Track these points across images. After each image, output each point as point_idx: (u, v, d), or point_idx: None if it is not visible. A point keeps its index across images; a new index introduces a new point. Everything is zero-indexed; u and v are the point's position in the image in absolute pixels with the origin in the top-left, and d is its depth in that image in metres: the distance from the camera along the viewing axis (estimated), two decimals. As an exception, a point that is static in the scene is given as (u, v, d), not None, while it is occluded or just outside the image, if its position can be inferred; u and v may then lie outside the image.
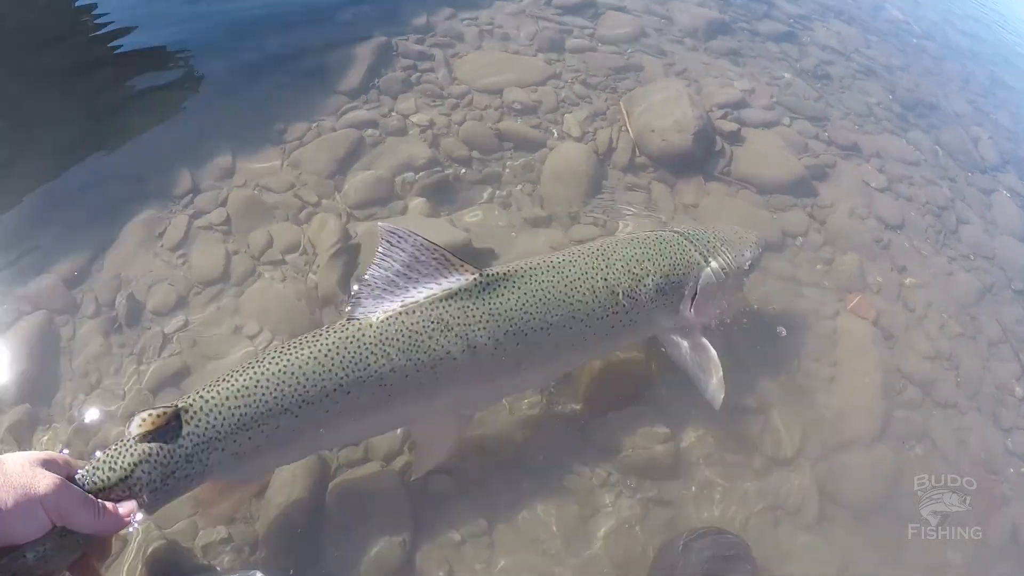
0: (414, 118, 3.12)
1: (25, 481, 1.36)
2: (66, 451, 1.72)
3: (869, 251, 3.20)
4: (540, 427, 2.33)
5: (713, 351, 2.24)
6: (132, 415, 1.60)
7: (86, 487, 1.52)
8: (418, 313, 1.82)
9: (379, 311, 1.81)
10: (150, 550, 1.86)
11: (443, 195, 2.88)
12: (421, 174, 2.89)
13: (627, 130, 3.31)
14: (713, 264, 2.29)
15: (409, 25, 3.60)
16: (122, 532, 1.62)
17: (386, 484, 2.11)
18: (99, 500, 1.49)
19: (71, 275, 2.45)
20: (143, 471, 1.56)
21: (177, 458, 1.61)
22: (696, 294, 2.25)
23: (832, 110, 4.04)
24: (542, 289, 1.96)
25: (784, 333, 2.74)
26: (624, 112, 3.38)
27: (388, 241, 1.81)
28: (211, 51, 3.29)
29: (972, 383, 2.91)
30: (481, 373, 1.94)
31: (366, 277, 1.83)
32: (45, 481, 1.38)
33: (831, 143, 3.76)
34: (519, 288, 1.93)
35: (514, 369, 1.99)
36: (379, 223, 1.84)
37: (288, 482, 2.06)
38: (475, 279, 1.88)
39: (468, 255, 2.54)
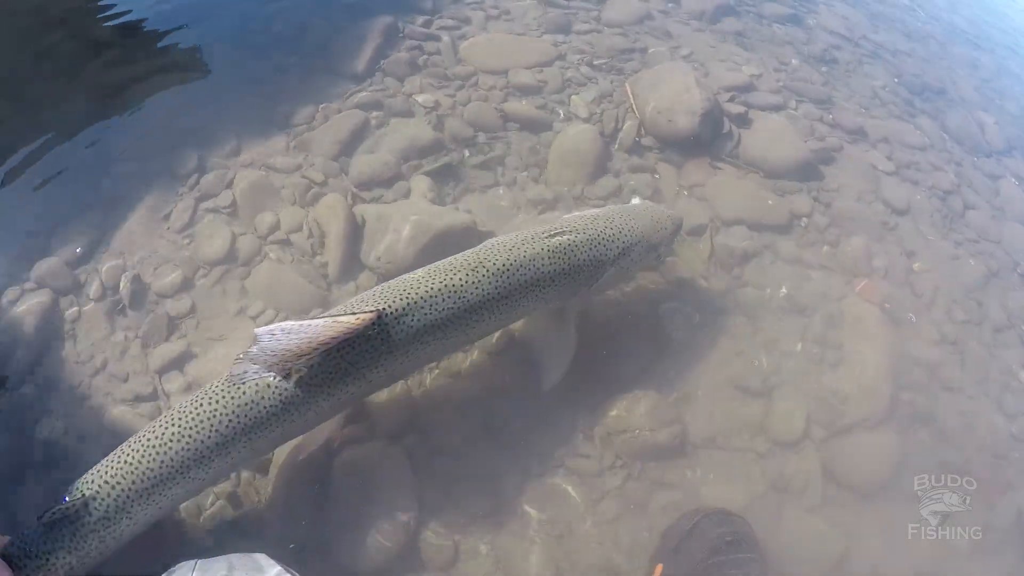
0: (419, 99, 3.10)
1: None
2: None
3: (876, 234, 3.18)
4: (546, 410, 2.33)
5: (574, 336, 2.27)
6: (42, 512, 1.63)
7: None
8: (315, 367, 1.79)
9: (272, 376, 1.76)
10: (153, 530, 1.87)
11: (448, 176, 2.87)
12: (427, 158, 2.88)
13: (633, 112, 3.29)
14: (623, 261, 2.27)
15: (415, 8, 3.57)
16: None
17: (391, 464, 2.12)
18: None
19: (76, 257, 2.45)
20: (57, 557, 1.62)
21: (89, 540, 1.66)
22: (597, 284, 2.26)
23: (838, 94, 4.00)
24: (439, 320, 1.91)
25: (790, 315, 2.75)
26: (631, 94, 3.36)
27: (269, 334, 1.72)
28: (217, 33, 3.28)
29: (978, 368, 2.89)
30: (373, 388, 1.99)
31: (252, 351, 1.73)
32: None
33: (837, 127, 3.73)
34: (415, 319, 1.88)
35: (404, 372, 2.09)
36: (255, 329, 1.75)
37: (292, 462, 2.07)
38: (371, 322, 1.80)
39: (471, 237, 2.56)
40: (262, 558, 1.77)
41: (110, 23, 3.28)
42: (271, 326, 1.72)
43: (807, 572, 2.19)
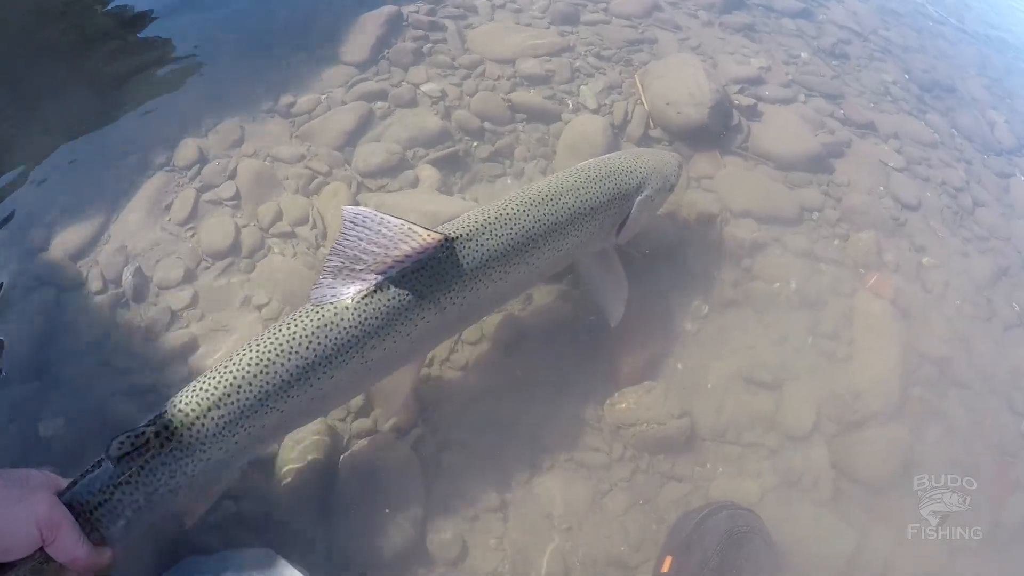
0: (424, 88, 3.06)
1: (22, 494, 1.37)
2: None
3: (886, 229, 3.15)
4: (555, 401, 2.31)
5: (623, 271, 2.35)
6: (111, 439, 1.53)
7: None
8: (392, 288, 1.78)
9: (351, 293, 1.76)
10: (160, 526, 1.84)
11: (455, 166, 2.83)
12: (434, 147, 2.85)
13: (642, 103, 3.25)
14: (645, 192, 2.35)
15: (419, -4, 3.54)
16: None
17: (399, 457, 2.10)
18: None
19: (77, 250, 2.41)
20: (124, 492, 1.53)
21: (158, 474, 1.56)
22: (627, 220, 2.32)
23: (848, 89, 3.97)
24: (503, 242, 1.97)
25: (800, 308, 2.73)
26: (639, 85, 3.33)
27: (351, 222, 1.74)
28: (219, 22, 3.24)
29: (987, 365, 2.87)
30: (449, 326, 2.01)
31: (330, 261, 1.76)
32: (41, 495, 1.40)
33: (847, 121, 3.70)
34: (480, 245, 1.93)
35: (477, 313, 2.10)
36: (344, 207, 1.76)
37: (298, 456, 2.05)
38: (441, 244, 1.85)
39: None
40: (269, 554, 1.76)
41: (111, 14, 3.25)
42: (358, 208, 1.74)
43: (819, 566, 2.17)
